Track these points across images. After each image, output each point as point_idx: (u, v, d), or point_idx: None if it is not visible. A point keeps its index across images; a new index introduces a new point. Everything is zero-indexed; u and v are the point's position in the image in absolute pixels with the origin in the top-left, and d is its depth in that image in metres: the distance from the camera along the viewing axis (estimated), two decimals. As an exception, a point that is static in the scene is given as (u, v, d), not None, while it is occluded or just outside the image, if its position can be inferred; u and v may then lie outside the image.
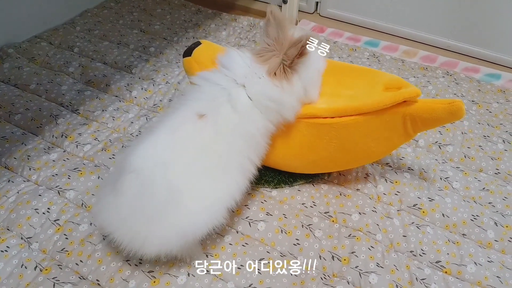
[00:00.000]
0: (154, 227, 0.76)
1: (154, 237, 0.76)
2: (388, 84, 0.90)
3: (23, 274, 0.85)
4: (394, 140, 0.94)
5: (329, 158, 0.96)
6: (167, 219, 0.76)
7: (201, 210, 0.78)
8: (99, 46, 1.51)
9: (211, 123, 0.80)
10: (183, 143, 0.79)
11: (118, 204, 0.77)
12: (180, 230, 0.77)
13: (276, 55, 0.83)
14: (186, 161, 0.78)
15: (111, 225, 0.79)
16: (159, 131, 0.80)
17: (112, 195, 0.79)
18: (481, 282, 0.86)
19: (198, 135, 0.80)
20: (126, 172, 0.76)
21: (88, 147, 1.12)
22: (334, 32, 1.65)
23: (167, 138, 0.79)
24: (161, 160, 0.77)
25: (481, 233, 0.95)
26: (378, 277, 0.85)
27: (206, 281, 0.84)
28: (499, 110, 1.28)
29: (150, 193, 0.75)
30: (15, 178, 1.04)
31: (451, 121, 0.90)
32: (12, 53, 1.44)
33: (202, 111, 0.81)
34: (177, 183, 0.76)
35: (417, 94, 0.86)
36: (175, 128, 0.80)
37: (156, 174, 0.76)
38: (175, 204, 0.76)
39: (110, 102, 1.27)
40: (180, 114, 0.82)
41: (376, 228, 0.95)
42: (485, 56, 1.51)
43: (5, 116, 1.20)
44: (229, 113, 0.82)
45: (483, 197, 1.03)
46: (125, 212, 0.76)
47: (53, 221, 0.94)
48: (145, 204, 0.76)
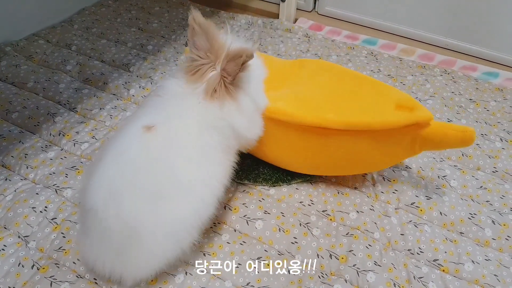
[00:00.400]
0: (124, 262, 0.75)
1: (128, 271, 0.76)
2: (400, 102, 0.90)
3: (20, 273, 0.85)
4: (399, 155, 0.96)
5: (333, 164, 0.97)
6: (132, 253, 0.74)
7: (162, 240, 0.74)
8: (97, 44, 1.50)
9: (162, 134, 0.74)
10: (132, 164, 0.73)
11: (88, 244, 0.77)
12: (149, 261, 0.76)
13: (211, 68, 0.76)
14: (137, 186, 0.72)
15: (89, 263, 0.80)
16: (108, 156, 0.74)
17: (83, 234, 0.79)
18: (479, 280, 0.86)
19: (146, 150, 0.73)
20: (86, 209, 0.74)
21: (86, 145, 1.12)
22: (332, 31, 1.65)
23: (114, 163, 0.73)
24: (112, 192, 0.72)
25: (479, 232, 0.95)
26: (375, 276, 0.86)
27: (203, 279, 0.84)
28: (496, 109, 1.28)
29: (108, 231, 0.73)
30: (12, 177, 1.03)
31: (460, 147, 0.91)
32: (9, 51, 1.43)
33: (151, 123, 0.74)
34: (129, 217, 0.71)
35: (430, 119, 0.87)
36: (121, 149, 0.74)
37: (110, 210, 0.71)
38: (134, 240, 0.73)
39: (107, 100, 1.27)
40: (126, 132, 0.76)
41: (373, 226, 0.95)
42: (483, 54, 1.52)
43: (2, 114, 1.20)
44: (183, 124, 0.76)
45: (481, 195, 1.03)
46: (96, 251, 0.77)
47: (50, 219, 0.94)
48: (109, 242, 0.74)
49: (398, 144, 0.92)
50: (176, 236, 0.75)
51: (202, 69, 0.77)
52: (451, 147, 0.91)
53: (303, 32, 1.61)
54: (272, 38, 1.57)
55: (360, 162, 0.96)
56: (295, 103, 0.93)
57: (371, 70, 1.42)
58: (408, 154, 0.95)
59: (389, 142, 0.91)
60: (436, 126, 0.88)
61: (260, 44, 1.54)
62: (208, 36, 0.76)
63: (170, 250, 0.76)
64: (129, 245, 0.73)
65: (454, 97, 1.31)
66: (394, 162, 1.01)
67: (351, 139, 0.91)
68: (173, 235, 0.75)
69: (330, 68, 1.04)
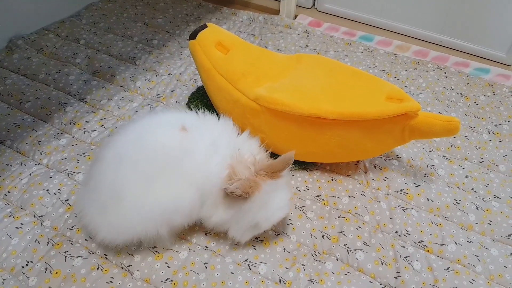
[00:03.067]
0: (103, 218, 0.84)
1: (104, 227, 0.84)
2: (390, 94, 0.97)
3: (37, 248, 0.92)
4: (390, 143, 1.02)
5: (328, 151, 1.03)
6: (111, 213, 0.83)
7: (140, 213, 0.81)
8: (104, 39, 1.57)
9: (191, 137, 0.84)
10: (149, 145, 0.83)
11: (83, 191, 0.89)
12: (121, 227, 0.84)
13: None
14: (140, 161, 0.82)
15: (79, 210, 0.91)
16: (135, 127, 0.87)
17: (83, 182, 0.91)
18: (460, 260, 0.93)
19: (170, 143, 0.83)
20: (95, 158, 0.86)
21: (95, 133, 1.18)
22: (330, 27, 1.71)
23: (138, 137, 0.85)
24: (120, 154, 0.83)
25: (463, 216, 1.02)
26: (364, 255, 0.92)
27: (205, 256, 0.91)
28: (486, 103, 1.34)
29: (101, 184, 0.83)
30: (27, 162, 1.10)
31: (446, 136, 0.97)
32: (21, 45, 1.50)
33: (187, 125, 0.85)
34: (121, 181, 0.81)
35: (418, 109, 0.93)
36: (151, 130, 0.86)
37: (110, 166, 0.82)
38: (116, 202, 0.82)
39: (115, 92, 1.34)
40: (164, 124, 0.88)
41: (364, 210, 1.01)
42: (475, 51, 1.58)
43: (16, 104, 1.27)
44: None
45: (467, 183, 1.09)
46: (87, 199, 0.87)
47: (63, 201, 1.01)
48: (98, 195, 0.84)
49: (388, 133, 0.98)
50: (153, 216, 0.82)
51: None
52: (438, 136, 0.97)
53: (303, 28, 1.67)
54: (272, 34, 1.64)
55: (353, 150, 1.02)
56: (293, 95, 0.99)
57: (367, 65, 1.48)
58: (398, 142, 1.02)
59: (380, 131, 0.98)
60: (424, 116, 0.95)
61: (261, 40, 1.61)
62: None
63: (145, 226, 0.83)
64: (112, 205, 0.82)
65: (446, 92, 1.38)
66: (385, 150, 1.07)
67: (345, 128, 0.97)
68: (151, 214, 0.82)
69: (326, 63, 1.10)
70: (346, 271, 0.90)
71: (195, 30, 1.09)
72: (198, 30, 1.08)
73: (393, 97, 0.97)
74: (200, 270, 0.89)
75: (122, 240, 0.85)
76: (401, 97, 0.96)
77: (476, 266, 0.92)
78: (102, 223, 0.84)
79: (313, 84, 1.03)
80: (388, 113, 0.93)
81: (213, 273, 0.88)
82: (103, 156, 0.85)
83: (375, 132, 0.98)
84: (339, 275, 0.89)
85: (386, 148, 1.05)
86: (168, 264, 0.89)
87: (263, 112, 1.00)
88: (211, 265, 0.90)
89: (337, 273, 0.89)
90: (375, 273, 0.90)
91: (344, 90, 1.01)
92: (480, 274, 0.91)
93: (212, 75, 1.07)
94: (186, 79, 1.39)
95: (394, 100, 0.96)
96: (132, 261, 0.90)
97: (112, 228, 0.84)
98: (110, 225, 0.84)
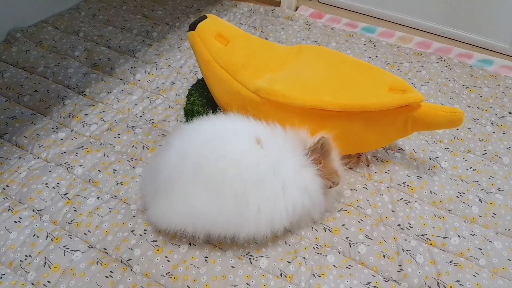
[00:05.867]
0: (154, 199, 0.88)
1: (152, 207, 0.88)
2: (393, 85, 0.95)
3: (36, 242, 0.91)
4: (393, 135, 1.01)
5: None
6: (161, 198, 0.86)
7: (181, 209, 0.84)
8: (104, 31, 1.55)
9: (267, 150, 0.85)
10: (216, 145, 0.84)
11: (144, 174, 1.01)
12: (167, 212, 0.86)
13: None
14: (201, 162, 0.83)
15: (141, 189, 1.00)
16: (214, 128, 0.89)
17: (146, 166, 1.04)
18: (464, 253, 0.92)
19: (247, 159, 0.83)
20: (164, 146, 0.93)
21: (95, 127, 1.17)
22: (332, 18, 1.69)
23: (216, 139, 0.86)
24: (187, 150, 0.85)
25: (466, 209, 1.00)
26: (366, 248, 0.91)
27: (206, 250, 0.90)
28: (489, 94, 1.33)
29: (158, 172, 0.87)
30: (26, 155, 1.09)
31: (450, 127, 0.96)
32: (19, 37, 1.49)
33: (261, 137, 0.86)
34: (178, 175, 0.84)
35: (421, 100, 0.92)
36: (228, 134, 0.87)
37: (172, 157, 0.85)
38: (170, 189, 0.84)
39: (114, 84, 1.32)
40: (243, 132, 0.88)
41: (366, 203, 1.00)
42: (478, 42, 1.56)
43: (15, 98, 1.26)
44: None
45: (470, 176, 1.08)
46: (144, 181, 0.96)
47: (62, 195, 1.00)
48: (154, 179, 0.88)
49: (391, 124, 0.97)
50: (190, 214, 0.84)
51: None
52: (441, 127, 0.95)
53: (304, 20, 1.65)
54: (273, 26, 1.62)
55: (356, 142, 1.01)
56: (294, 86, 0.98)
57: (369, 57, 1.46)
58: (400, 134, 1.00)
59: (383, 122, 0.96)
60: (427, 108, 0.93)
61: (262, 31, 1.59)
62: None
63: (184, 219, 0.85)
64: (162, 192, 0.86)
65: (449, 83, 1.36)
66: (388, 142, 1.06)
67: (346, 120, 0.96)
68: (190, 211, 0.84)
69: (328, 54, 1.09)
70: (348, 265, 0.89)
71: (195, 21, 1.07)
72: (198, 21, 1.07)
73: (396, 88, 0.95)
74: (201, 264, 0.88)
75: (165, 225, 0.87)
76: (404, 88, 0.94)
77: (479, 259, 0.91)
78: (152, 204, 0.88)
79: (314, 75, 1.02)
80: (390, 104, 0.91)
81: (213, 267, 0.87)
82: (171, 144, 0.88)
83: (377, 124, 0.96)
84: (341, 268, 0.88)
85: (389, 140, 1.04)
86: (168, 258, 0.89)
87: (264, 104, 0.99)
88: (212, 259, 0.89)
89: (339, 266, 0.89)
90: (377, 266, 0.89)
91: (345, 81, 0.99)
92: (483, 267, 0.90)
93: (212, 67, 1.05)
94: (186, 72, 1.38)
95: (396, 91, 0.94)
96: (131, 255, 0.89)
97: (159, 213, 0.87)
98: (158, 210, 0.87)
